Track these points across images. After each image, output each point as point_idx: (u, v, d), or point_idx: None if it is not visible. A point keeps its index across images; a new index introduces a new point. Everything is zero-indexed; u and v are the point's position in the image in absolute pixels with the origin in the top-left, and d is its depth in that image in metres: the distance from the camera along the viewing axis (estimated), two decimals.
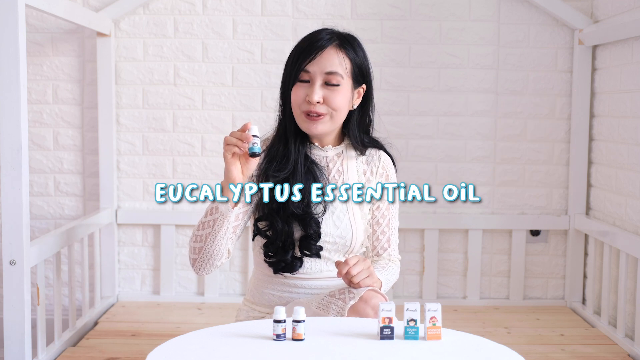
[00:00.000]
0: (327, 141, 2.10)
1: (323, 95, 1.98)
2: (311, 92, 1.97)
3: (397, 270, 2.14)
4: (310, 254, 2.03)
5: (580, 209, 3.33)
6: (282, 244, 2.01)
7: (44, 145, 3.37)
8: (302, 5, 3.31)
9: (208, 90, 3.35)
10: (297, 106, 2.00)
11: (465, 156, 3.38)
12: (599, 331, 3.00)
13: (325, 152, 2.09)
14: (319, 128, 2.00)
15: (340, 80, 1.99)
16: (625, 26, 2.86)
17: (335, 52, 1.99)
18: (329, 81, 1.98)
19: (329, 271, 2.08)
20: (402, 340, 1.70)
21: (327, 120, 2.00)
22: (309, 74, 1.98)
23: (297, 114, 2.02)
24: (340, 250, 2.06)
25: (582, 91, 3.28)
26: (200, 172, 3.37)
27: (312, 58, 1.97)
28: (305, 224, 2.00)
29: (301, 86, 1.99)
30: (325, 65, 1.98)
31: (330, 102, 1.98)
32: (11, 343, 2.30)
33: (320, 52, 1.98)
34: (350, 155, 2.11)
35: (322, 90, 1.98)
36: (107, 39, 3.25)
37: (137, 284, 3.43)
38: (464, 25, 3.33)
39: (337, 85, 1.98)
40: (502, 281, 3.43)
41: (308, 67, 1.98)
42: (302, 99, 1.99)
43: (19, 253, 2.28)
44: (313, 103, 1.97)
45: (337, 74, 1.98)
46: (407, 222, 3.34)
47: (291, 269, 2.04)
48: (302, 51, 1.99)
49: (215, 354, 1.61)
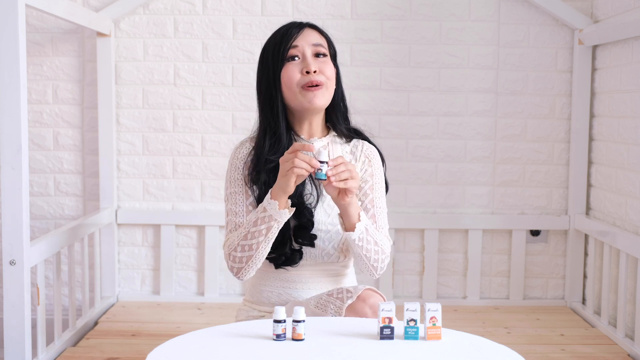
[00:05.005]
0: (314, 133, 2.11)
1: (317, 66, 2.03)
2: (307, 64, 2.02)
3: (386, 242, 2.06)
4: (304, 243, 2.04)
5: (580, 209, 3.33)
6: (280, 237, 2.02)
7: (44, 145, 3.37)
8: (302, 5, 3.31)
9: (208, 90, 3.35)
10: (294, 83, 2.03)
11: (465, 156, 3.38)
12: (599, 331, 3.00)
13: (312, 144, 2.10)
14: (321, 99, 2.03)
15: (325, 51, 2.07)
16: (625, 26, 2.86)
17: (312, 30, 2.08)
18: (318, 52, 2.05)
19: (324, 263, 2.09)
20: (402, 340, 1.70)
21: (325, 91, 2.05)
22: (298, 49, 2.04)
23: (294, 92, 2.03)
24: (334, 238, 2.06)
25: (582, 91, 3.28)
26: (200, 172, 3.37)
27: (297, 36, 2.04)
28: (299, 212, 2.02)
29: (292, 64, 2.04)
30: (310, 39, 2.05)
31: (325, 71, 2.04)
32: (11, 343, 2.30)
33: (301, 30, 2.06)
34: (336, 147, 2.14)
35: (315, 61, 2.03)
36: (107, 39, 3.25)
37: (137, 284, 3.43)
38: (464, 25, 3.33)
39: (325, 55, 2.06)
40: (502, 281, 3.44)
41: (295, 42, 2.03)
42: (297, 74, 2.03)
43: (19, 253, 2.28)
44: (311, 72, 2.01)
45: (322, 45, 2.06)
46: (407, 222, 3.35)
47: (292, 262, 2.05)
48: (282, 37, 2.05)
49: (215, 354, 1.61)
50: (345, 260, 2.13)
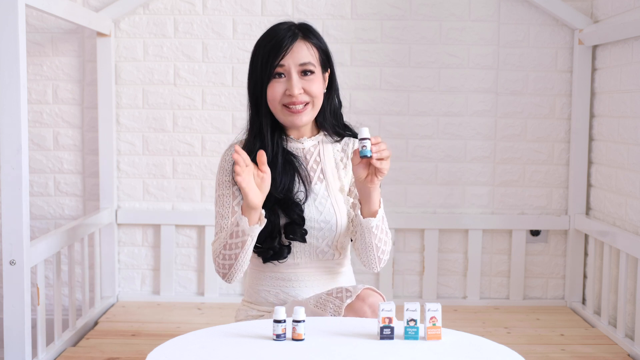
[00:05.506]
0: (303, 133, 2.12)
1: (302, 86, 2.03)
2: (291, 86, 2.02)
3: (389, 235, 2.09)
4: (295, 238, 2.05)
5: (580, 209, 3.33)
6: (270, 232, 2.03)
7: (44, 145, 3.37)
8: (302, 5, 3.31)
9: (208, 90, 3.35)
10: (277, 101, 2.04)
11: (465, 156, 3.38)
12: (599, 331, 3.00)
13: (301, 144, 2.12)
14: (303, 119, 2.05)
15: (313, 68, 2.05)
16: (625, 26, 2.86)
17: (303, 43, 2.05)
18: (305, 70, 2.04)
19: (319, 260, 2.10)
20: (402, 340, 1.70)
21: (310, 109, 2.06)
22: (284, 68, 2.03)
23: (277, 110, 2.05)
24: (327, 236, 2.07)
25: (582, 91, 3.28)
26: (200, 172, 3.37)
27: (285, 53, 2.02)
28: (288, 209, 2.04)
29: (277, 81, 2.03)
30: (298, 58, 2.03)
31: (310, 91, 2.03)
32: (11, 343, 2.30)
33: (290, 47, 2.03)
34: (327, 145, 2.15)
35: (299, 82, 2.03)
36: (107, 39, 3.25)
37: (137, 284, 3.43)
38: (464, 25, 3.33)
39: (312, 72, 2.04)
40: (502, 281, 3.43)
41: (282, 60, 2.02)
42: (280, 93, 2.03)
43: (19, 253, 2.28)
44: (295, 96, 2.01)
45: (310, 63, 2.04)
46: (407, 222, 3.35)
47: (280, 256, 2.07)
48: (271, 49, 2.03)
49: (215, 354, 1.61)
50: (341, 257, 2.13)
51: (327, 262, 2.11)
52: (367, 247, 2.03)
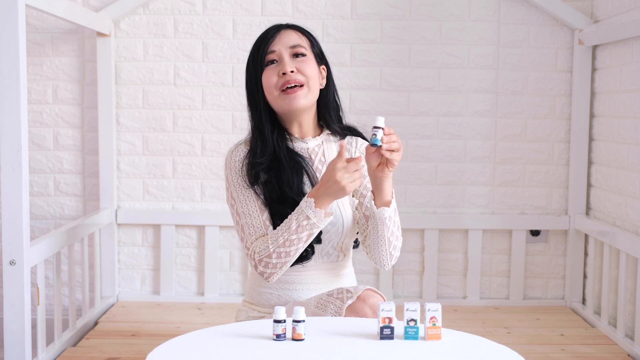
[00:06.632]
0: (306, 132, 2.12)
1: (295, 66, 2.03)
2: (283, 65, 2.03)
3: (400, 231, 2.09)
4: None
5: (580, 209, 3.33)
6: None
7: (44, 145, 3.37)
8: (302, 5, 3.31)
9: (208, 90, 3.35)
10: (272, 86, 2.04)
11: (465, 156, 3.38)
12: (599, 331, 3.00)
13: (306, 144, 2.11)
14: (300, 102, 2.03)
15: (305, 51, 2.06)
16: (625, 26, 2.86)
17: (292, 31, 2.09)
18: (297, 52, 2.05)
19: (323, 263, 2.10)
20: (402, 340, 1.70)
21: (306, 91, 2.04)
22: (275, 53, 2.05)
23: (274, 96, 2.05)
24: (333, 238, 2.07)
25: (582, 91, 3.28)
26: (200, 172, 3.37)
27: (273, 40, 2.05)
28: None
29: (270, 68, 2.05)
30: (287, 41, 2.06)
31: (303, 70, 2.04)
32: (11, 343, 2.30)
33: (278, 33, 2.06)
34: (331, 145, 2.14)
35: (292, 61, 2.04)
36: (107, 39, 3.25)
37: (137, 284, 3.43)
38: (464, 25, 3.33)
39: (304, 55, 2.06)
40: (502, 281, 3.43)
41: (272, 46, 2.04)
42: (275, 77, 2.03)
43: (19, 253, 2.28)
44: (287, 72, 2.01)
45: (301, 45, 2.06)
46: (407, 222, 3.34)
47: (306, 257, 2.05)
48: (261, 41, 2.07)
49: (215, 354, 1.61)
50: (345, 259, 2.13)
51: (331, 263, 2.11)
52: (380, 241, 2.01)
